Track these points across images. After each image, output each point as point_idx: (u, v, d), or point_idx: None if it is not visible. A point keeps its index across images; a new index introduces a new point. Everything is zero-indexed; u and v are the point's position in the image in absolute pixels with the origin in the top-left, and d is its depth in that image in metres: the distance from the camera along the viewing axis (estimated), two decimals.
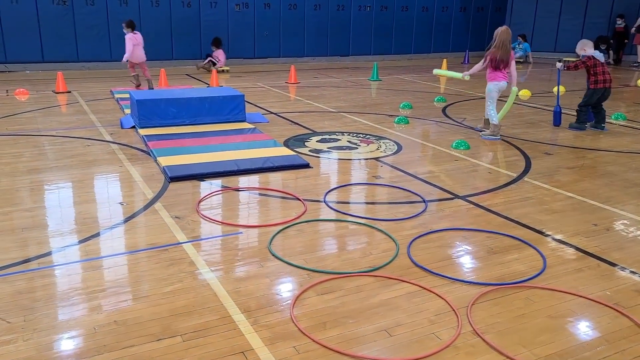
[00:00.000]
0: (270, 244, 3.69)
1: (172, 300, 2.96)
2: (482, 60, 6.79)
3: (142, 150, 6.00)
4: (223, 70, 13.15)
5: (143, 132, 6.64)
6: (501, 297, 3.06)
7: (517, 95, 6.93)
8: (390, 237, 3.84)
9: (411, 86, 11.41)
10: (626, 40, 15.59)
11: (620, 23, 15.70)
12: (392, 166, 5.63)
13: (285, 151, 5.97)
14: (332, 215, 4.26)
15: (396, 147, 6.36)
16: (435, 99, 9.51)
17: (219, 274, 3.27)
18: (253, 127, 7.10)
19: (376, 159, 5.89)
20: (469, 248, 3.72)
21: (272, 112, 8.31)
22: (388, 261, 3.46)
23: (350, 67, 14.86)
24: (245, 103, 7.80)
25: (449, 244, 3.78)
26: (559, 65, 7.41)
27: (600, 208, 4.48)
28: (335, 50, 15.89)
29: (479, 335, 2.68)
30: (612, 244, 3.78)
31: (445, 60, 13.68)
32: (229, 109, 7.33)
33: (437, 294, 3.07)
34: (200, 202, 4.43)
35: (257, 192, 4.80)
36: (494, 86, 6.72)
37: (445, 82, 12.04)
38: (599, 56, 7.14)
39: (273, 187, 4.90)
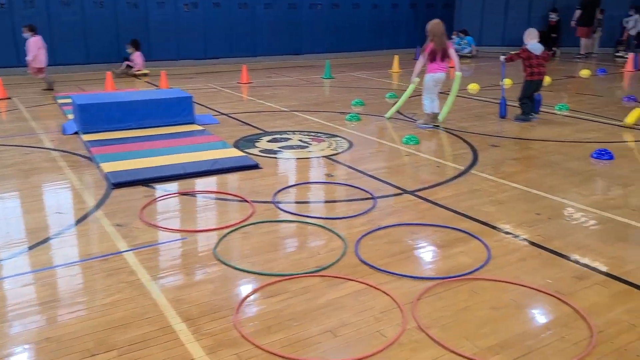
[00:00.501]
0: (215, 248, 3.60)
1: (109, 313, 2.84)
2: (421, 56, 6.95)
3: (85, 157, 5.79)
4: (144, 74, 12.34)
5: (86, 137, 6.42)
6: (446, 290, 3.07)
7: (459, 86, 7.16)
8: (339, 235, 3.81)
9: (363, 83, 11.46)
10: (554, 35, 16.07)
11: (553, 17, 16.24)
12: (342, 164, 5.62)
13: (234, 152, 5.87)
14: (281, 215, 4.21)
15: (347, 145, 6.35)
16: (387, 95, 9.56)
17: (160, 283, 3.16)
18: (202, 128, 6.96)
19: (327, 157, 5.87)
20: (416, 243, 3.72)
21: (222, 113, 8.18)
22: (335, 260, 3.43)
23: (303, 65, 14.82)
24: (195, 104, 7.66)
25: (396, 239, 3.78)
26: (501, 58, 7.62)
27: (544, 197, 4.57)
28: (288, 49, 15.82)
29: (423, 330, 2.68)
30: (554, 232, 3.86)
31: (396, 57, 13.79)
32: (177, 111, 7.17)
33: (383, 291, 3.06)
34: (143, 208, 4.29)
35: (204, 195, 4.70)
36: (430, 77, 6.89)
37: (397, 79, 12.13)
38: (535, 48, 7.32)
39: (221, 190, 4.80)
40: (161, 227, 3.96)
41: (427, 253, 3.59)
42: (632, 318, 2.76)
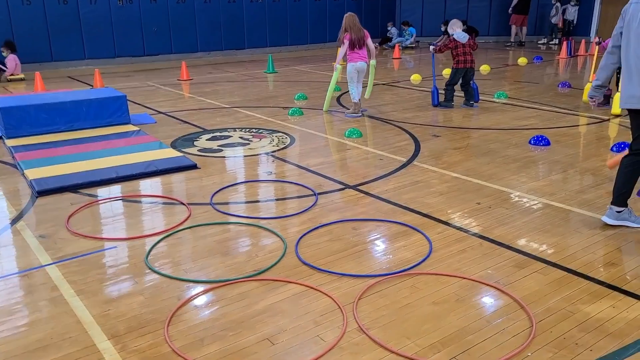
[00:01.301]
0: (147, 256, 3.40)
1: (26, 335, 2.61)
2: (342, 45, 7.15)
3: (9, 164, 5.41)
4: (21, 79, 10.99)
5: (10, 143, 6.01)
6: (387, 287, 3.00)
7: (374, 74, 7.67)
8: (278, 235, 3.68)
9: (307, 77, 11.34)
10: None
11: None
12: (285, 160, 5.48)
13: (171, 153, 5.63)
14: (219, 217, 4.04)
15: (289, 140, 6.22)
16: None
17: (85, 298, 2.94)
18: (137, 129, 6.66)
19: (268, 153, 5.72)
20: (358, 239, 3.64)
21: (160, 112, 7.88)
22: (274, 262, 3.30)
23: (246, 60, 14.55)
24: (132, 104, 7.34)
25: (338, 237, 3.69)
26: (430, 48, 7.83)
27: (484, 186, 4.59)
28: (230, 44, 15.48)
29: (364, 331, 2.59)
30: (495, 221, 3.87)
31: (338, 49, 13.68)
32: (110, 111, 6.83)
33: (323, 293, 2.95)
34: (70, 217, 4.02)
35: (137, 199, 4.46)
36: (351, 67, 7.12)
37: (342, 71, 12.05)
38: (460, 37, 7.43)
39: (155, 193, 4.57)
40: (88, 237, 3.71)
41: (369, 249, 3.51)
42: (569, 305, 2.76)
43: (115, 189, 4.66)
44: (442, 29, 16.38)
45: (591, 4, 17.52)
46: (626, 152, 3.76)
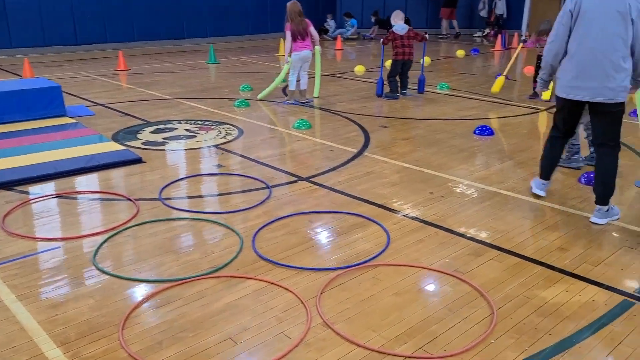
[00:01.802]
0: (95, 256, 3.22)
1: None
2: (285, 37, 7.17)
3: None
4: None
5: None
6: (349, 280, 2.97)
7: (320, 60, 7.78)
8: (234, 230, 3.58)
9: (251, 67, 11.15)
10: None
11: None
12: (233, 152, 5.35)
13: (113, 146, 5.37)
14: (169, 213, 3.88)
15: (237, 132, 6.08)
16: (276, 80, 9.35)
17: (28, 303, 2.74)
18: (75, 121, 6.30)
19: (216, 146, 5.56)
20: (315, 232, 3.60)
21: (98, 104, 7.50)
22: (231, 258, 3.20)
23: (186, 50, 14.14)
24: (66, 95, 6.95)
25: (295, 230, 3.63)
26: (381, 41, 7.97)
27: (434, 176, 4.66)
28: (169, 33, 14.99)
29: (329, 326, 2.55)
30: (447, 210, 3.93)
31: (282, 41, 13.57)
32: (44, 103, 6.43)
33: (284, 288, 2.89)
34: (6, 216, 3.75)
35: (81, 196, 4.22)
36: (295, 55, 7.16)
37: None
38: (399, 29, 7.55)
39: (99, 189, 4.34)
40: (28, 237, 3.47)
41: (327, 242, 3.47)
42: (526, 291, 2.84)
43: (55, 185, 4.39)
44: (372, 19, 16.64)
45: None
46: None
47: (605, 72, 3.47)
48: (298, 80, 7.47)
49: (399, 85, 7.89)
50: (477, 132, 6.00)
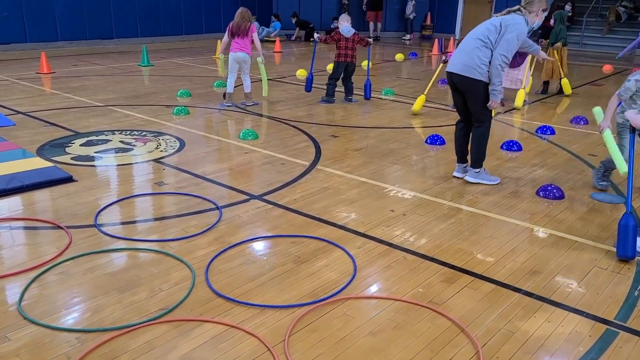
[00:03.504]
0: (20, 302, 2.76)
1: None
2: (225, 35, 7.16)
3: None
4: None
5: None
6: (318, 319, 2.69)
7: (264, 70, 7.78)
8: (184, 262, 3.21)
9: (187, 70, 10.63)
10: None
11: (345, 1, 17.25)
12: (176, 167, 4.94)
13: (38, 162, 4.82)
14: (108, 243, 3.45)
15: (178, 144, 5.65)
16: (215, 84, 8.94)
17: None
18: None
19: (156, 160, 5.12)
20: (275, 260, 3.29)
21: (20, 112, 6.82)
22: (183, 297, 2.85)
23: (116, 51, 13.35)
24: None
25: (252, 259, 3.31)
26: (315, 36, 7.85)
27: (392, 190, 4.47)
28: (96, 33, 14.11)
29: None
30: (412, 230, 3.73)
31: (219, 42, 13.09)
32: None
33: (247, 332, 2.57)
34: None
35: (0, 225, 3.69)
36: (230, 56, 7.12)
37: (222, 66, 11.48)
38: (344, 31, 7.44)
39: (23, 215, 3.82)
40: None
41: (289, 272, 3.17)
42: (507, 324, 2.67)
43: None
44: (293, 21, 16.59)
45: (455, 4, 18.84)
46: None
47: None
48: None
49: (335, 90, 7.79)
50: (428, 141, 5.89)
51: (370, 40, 7.78)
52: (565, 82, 8.65)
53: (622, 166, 3.64)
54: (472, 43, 4.32)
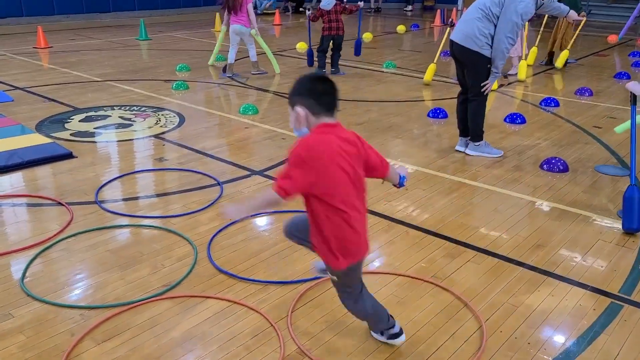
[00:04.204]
0: (22, 279, 2.76)
1: None
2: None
3: None
4: None
5: None
6: (320, 294, 2.69)
7: (262, 41, 7.63)
8: (186, 238, 3.20)
9: (186, 44, 10.48)
10: None
11: None
12: (176, 143, 4.89)
13: (38, 139, 4.78)
14: (109, 219, 3.43)
15: (178, 119, 5.60)
16: (215, 58, 8.81)
17: None
18: None
19: (156, 136, 5.08)
20: (277, 236, 3.27)
21: (18, 87, 6.75)
22: (186, 273, 2.84)
23: (113, 25, 13.16)
24: None
25: (254, 235, 3.30)
26: (308, 13, 7.88)
27: (394, 165, 4.40)
28: (93, 6, 13.89)
29: (305, 354, 2.27)
30: (415, 205, 3.71)
31: (218, 15, 12.89)
32: None
33: (250, 307, 2.57)
34: None
35: (1, 202, 3.67)
36: (230, 28, 7.27)
37: (222, 40, 11.35)
38: (325, 5, 7.37)
39: (23, 192, 3.80)
40: None
41: (291, 248, 3.14)
42: (511, 298, 2.66)
43: None
44: None
45: None
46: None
47: None
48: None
49: (326, 62, 7.74)
50: (431, 114, 5.83)
51: (355, 6, 7.61)
52: (564, 54, 8.46)
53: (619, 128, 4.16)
54: (474, 12, 4.23)
